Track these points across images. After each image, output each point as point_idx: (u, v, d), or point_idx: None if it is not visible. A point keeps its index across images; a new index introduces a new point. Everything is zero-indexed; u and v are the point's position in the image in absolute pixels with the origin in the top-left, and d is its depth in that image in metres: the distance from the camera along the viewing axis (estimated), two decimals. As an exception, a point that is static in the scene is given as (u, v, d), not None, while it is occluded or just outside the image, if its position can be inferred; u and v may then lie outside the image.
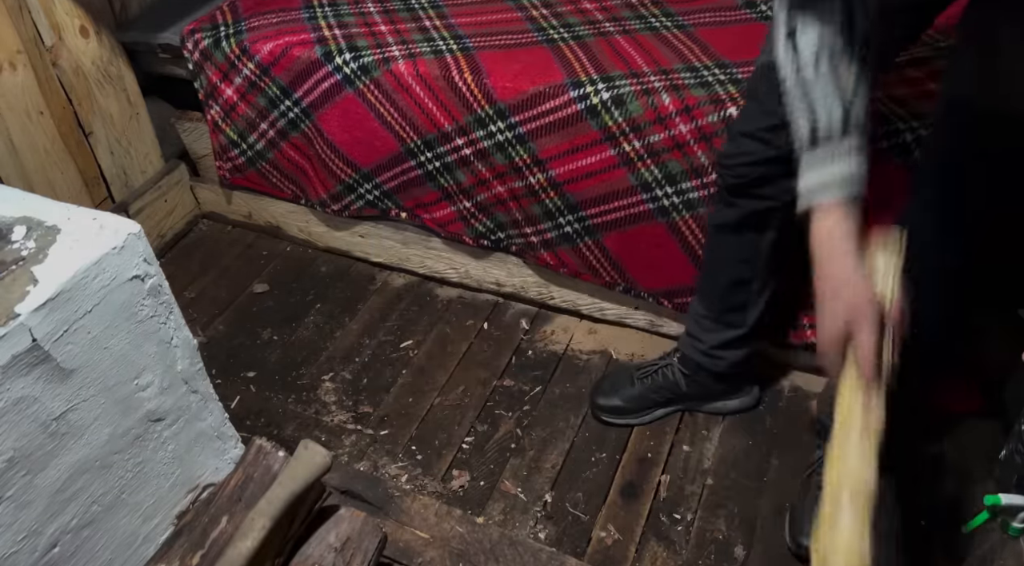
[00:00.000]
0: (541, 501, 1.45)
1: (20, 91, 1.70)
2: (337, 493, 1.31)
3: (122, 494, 0.99)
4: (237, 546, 0.93)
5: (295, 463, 1.02)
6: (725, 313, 1.40)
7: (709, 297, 1.42)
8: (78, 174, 1.88)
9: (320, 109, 1.73)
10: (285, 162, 1.90)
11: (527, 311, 1.82)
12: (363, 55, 1.65)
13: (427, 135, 1.65)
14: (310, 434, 1.57)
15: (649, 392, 1.54)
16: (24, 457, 0.85)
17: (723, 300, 1.40)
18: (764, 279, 1.35)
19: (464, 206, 1.72)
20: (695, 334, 1.46)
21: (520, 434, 1.56)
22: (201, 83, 1.86)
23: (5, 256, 0.88)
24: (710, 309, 1.42)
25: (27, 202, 0.96)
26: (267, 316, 1.88)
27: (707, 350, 1.45)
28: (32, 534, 0.89)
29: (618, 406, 1.55)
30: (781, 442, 1.51)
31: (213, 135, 1.93)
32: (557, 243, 1.65)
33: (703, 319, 1.44)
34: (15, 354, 0.81)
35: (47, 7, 1.72)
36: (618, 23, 1.67)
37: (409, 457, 1.54)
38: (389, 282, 1.94)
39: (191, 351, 1.04)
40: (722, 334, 1.42)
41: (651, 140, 1.46)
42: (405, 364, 1.72)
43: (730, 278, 1.37)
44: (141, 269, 0.93)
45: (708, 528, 1.39)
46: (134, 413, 0.97)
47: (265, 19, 1.81)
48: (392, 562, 1.28)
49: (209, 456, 1.12)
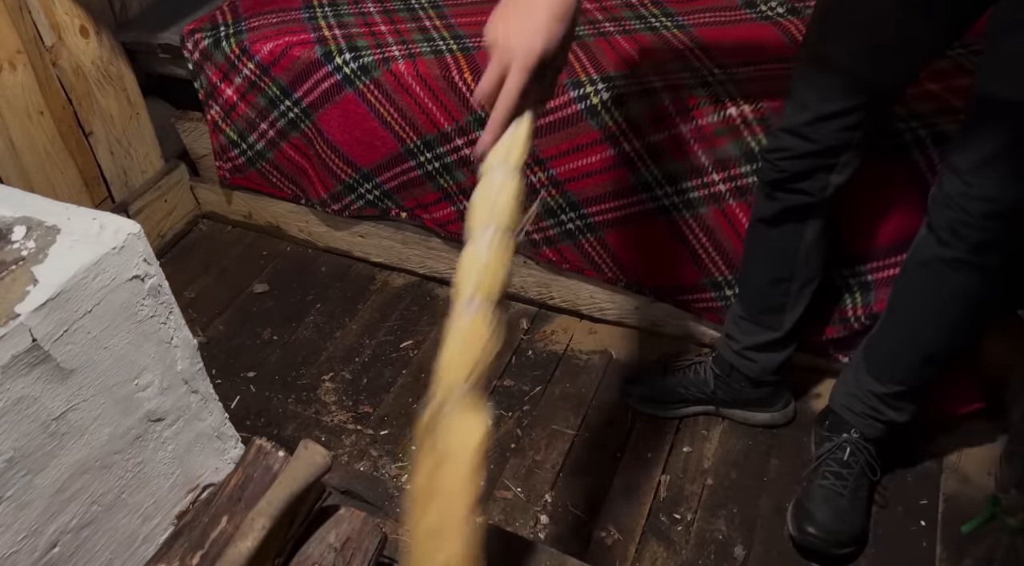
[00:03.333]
0: (541, 501, 1.45)
1: (20, 91, 1.70)
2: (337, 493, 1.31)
3: (122, 494, 0.99)
4: (237, 546, 0.93)
5: (295, 463, 1.02)
6: (762, 314, 1.39)
7: (747, 297, 1.42)
8: (78, 174, 1.88)
9: (320, 109, 1.73)
10: (285, 162, 1.90)
11: (527, 311, 1.82)
12: (363, 55, 1.65)
13: (427, 135, 1.65)
14: (310, 434, 1.57)
15: (678, 386, 1.54)
16: (24, 457, 0.85)
17: (761, 300, 1.39)
18: (803, 280, 1.35)
19: (464, 206, 1.72)
20: (732, 334, 1.45)
21: (520, 434, 1.56)
22: (201, 83, 1.86)
23: (5, 256, 0.88)
24: (747, 309, 1.41)
25: (27, 202, 0.96)
26: (267, 316, 1.88)
27: (741, 350, 1.44)
28: (32, 534, 0.89)
29: (647, 394, 1.57)
30: (781, 442, 1.51)
31: (213, 135, 1.93)
32: (559, 239, 1.65)
33: (740, 320, 1.43)
34: (15, 354, 0.81)
35: (47, 7, 1.72)
36: (618, 23, 1.67)
37: (409, 457, 1.54)
38: (389, 282, 1.94)
39: (191, 351, 1.04)
40: (758, 336, 1.41)
41: (651, 140, 1.46)
42: (405, 364, 1.72)
43: (768, 276, 1.36)
44: (141, 269, 0.93)
45: (708, 528, 1.39)
46: (134, 413, 0.97)
47: (265, 19, 1.81)
48: (392, 562, 1.28)
49: (209, 456, 1.12)
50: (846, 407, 1.35)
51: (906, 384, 1.27)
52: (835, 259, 1.42)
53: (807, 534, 1.30)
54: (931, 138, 1.27)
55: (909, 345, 1.25)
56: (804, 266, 1.33)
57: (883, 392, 1.29)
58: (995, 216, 1.06)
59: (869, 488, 1.35)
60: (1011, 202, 1.04)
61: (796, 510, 1.34)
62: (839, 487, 1.31)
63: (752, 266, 1.39)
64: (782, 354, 1.43)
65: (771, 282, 1.36)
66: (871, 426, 1.32)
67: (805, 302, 1.37)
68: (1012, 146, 1.02)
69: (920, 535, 1.35)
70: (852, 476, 1.32)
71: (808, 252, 1.31)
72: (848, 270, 1.43)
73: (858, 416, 1.33)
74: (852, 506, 1.31)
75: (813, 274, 1.35)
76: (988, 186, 1.05)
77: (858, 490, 1.32)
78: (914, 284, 1.21)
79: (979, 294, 1.15)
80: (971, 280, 1.13)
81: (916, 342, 1.24)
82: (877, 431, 1.32)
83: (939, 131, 1.27)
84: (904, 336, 1.26)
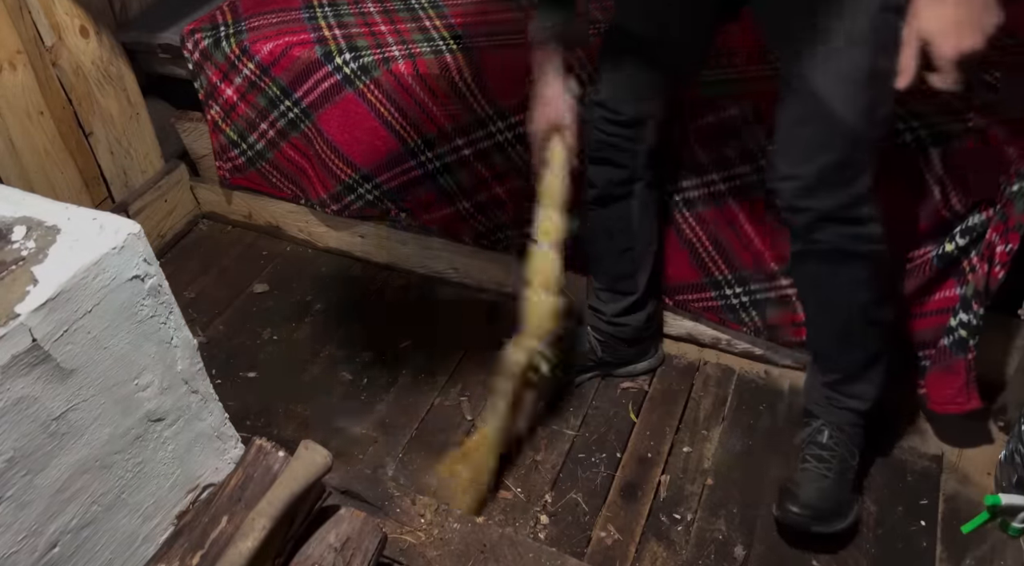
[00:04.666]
0: (541, 501, 1.45)
1: (20, 91, 1.70)
2: (337, 493, 1.31)
3: (122, 494, 0.99)
4: (237, 546, 0.93)
5: (295, 463, 1.02)
6: (617, 282, 1.53)
7: (601, 271, 1.56)
8: (78, 174, 1.88)
9: (320, 109, 1.73)
10: (285, 162, 1.90)
11: (527, 311, 1.82)
12: (363, 55, 1.65)
13: (427, 135, 1.65)
14: (310, 434, 1.57)
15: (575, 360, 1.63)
16: (24, 457, 0.85)
17: (613, 270, 1.53)
18: (644, 244, 1.49)
19: (464, 206, 1.72)
20: (598, 308, 1.58)
21: (520, 434, 1.56)
22: (201, 83, 1.86)
23: (5, 256, 0.88)
24: (604, 282, 1.56)
25: (27, 202, 0.96)
26: (267, 316, 1.88)
27: (610, 319, 1.56)
28: (32, 534, 0.89)
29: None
30: (781, 442, 1.51)
31: (213, 135, 1.93)
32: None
33: (601, 292, 1.56)
34: (15, 354, 0.81)
35: (47, 7, 1.72)
36: None
37: (409, 457, 1.54)
38: (389, 282, 1.94)
39: (191, 351, 1.04)
40: (620, 302, 1.54)
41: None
42: (405, 364, 1.72)
43: (615, 249, 1.50)
44: (141, 269, 0.93)
45: (708, 528, 1.39)
46: (134, 413, 0.97)
47: (265, 19, 1.81)
48: (392, 562, 1.28)
49: (209, 456, 1.12)
50: (811, 399, 1.40)
51: (840, 372, 1.32)
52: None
53: (789, 512, 1.31)
54: (931, 138, 1.27)
55: (821, 335, 1.34)
56: (640, 233, 1.48)
57: (829, 380, 1.34)
58: (803, 193, 1.14)
59: (853, 472, 1.36)
60: (812, 175, 1.12)
61: (781, 493, 1.35)
62: (822, 469, 1.33)
63: (598, 244, 1.52)
64: (646, 310, 1.57)
65: (618, 253, 1.50)
66: (834, 413, 1.35)
67: (651, 261, 1.52)
68: (803, 121, 1.12)
69: (920, 535, 1.35)
70: (835, 459, 1.33)
71: (640, 222, 1.46)
72: (848, 270, 1.43)
73: (821, 407, 1.37)
74: (836, 486, 1.33)
75: (651, 237, 1.50)
76: (790, 164, 1.15)
77: (844, 472, 1.34)
78: (797, 280, 1.34)
79: (846, 272, 1.21)
80: (825, 263, 1.21)
81: (823, 331, 1.33)
82: (841, 418, 1.35)
83: (939, 131, 1.27)
84: (813, 328, 1.35)
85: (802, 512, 1.30)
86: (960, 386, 1.35)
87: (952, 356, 1.34)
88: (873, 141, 1.11)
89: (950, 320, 1.34)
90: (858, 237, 1.17)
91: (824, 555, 1.33)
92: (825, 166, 1.11)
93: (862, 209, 1.15)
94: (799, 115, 1.12)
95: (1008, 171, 1.22)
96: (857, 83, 1.07)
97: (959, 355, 1.33)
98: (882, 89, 1.05)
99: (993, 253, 1.24)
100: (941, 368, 1.37)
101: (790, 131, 1.15)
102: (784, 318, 1.52)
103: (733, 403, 1.59)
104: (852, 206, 1.14)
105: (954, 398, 1.37)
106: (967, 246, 1.29)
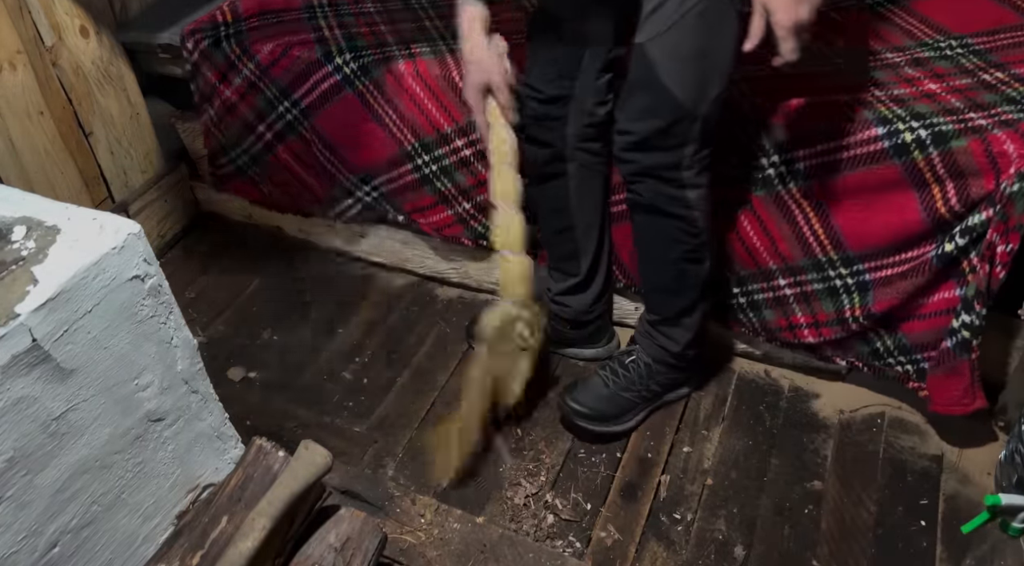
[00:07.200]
0: (541, 501, 1.45)
1: (20, 91, 1.70)
2: (337, 493, 1.31)
3: (122, 494, 0.99)
4: (237, 546, 0.93)
5: (295, 463, 1.02)
6: (561, 262, 1.58)
7: (548, 249, 1.60)
8: (78, 174, 1.88)
9: (319, 110, 1.72)
10: (279, 169, 1.88)
11: (527, 311, 1.82)
12: (363, 55, 1.65)
13: (426, 137, 1.65)
14: (310, 434, 1.57)
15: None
16: (24, 457, 0.85)
17: (556, 250, 1.58)
18: (584, 225, 1.52)
19: (463, 208, 1.71)
20: (548, 286, 1.63)
21: (520, 434, 1.56)
22: (197, 86, 1.85)
23: (5, 256, 0.88)
24: (551, 260, 1.60)
25: (27, 202, 0.96)
26: (267, 316, 1.88)
27: (553, 298, 1.62)
28: (32, 534, 0.89)
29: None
30: (781, 442, 1.51)
31: (206, 140, 1.93)
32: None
33: (550, 270, 1.62)
34: (15, 354, 0.81)
35: (47, 7, 1.72)
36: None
37: (409, 457, 1.54)
38: (389, 282, 1.94)
39: (191, 351, 1.04)
40: (562, 283, 1.59)
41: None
42: (405, 364, 1.72)
43: (554, 228, 1.54)
44: (141, 269, 0.93)
45: (708, 528, 1.39)
46: (134, 413, 0.97)
47: (265, 19, 1.81)
48: (392, 562, 1.28)
49: (209, 456, 1.12)
50: (637, 330, 1.55)
51: (659, 314, 1.47)
52: (833, 259, 1.42)
53: (563, 400, 1.51)
54: (931, 138, 1.27)
55: (645, 280, 1.48)
56: (579, 214, 1.50)
57: (651, 319, 1.49)
58: (631, 147, 1.27)
59: (640, 398, 1.51)
60: (640, 134, 1.25)
61: (566, 386, 1.53)
62: (608, 379, 1.51)
63: (542, 221, 1.57)
64: (588, 295, 1.59)
65: (558, 232, 1.54)
66: (649, 348, 1.50)
67: (594, 246, 1.54)
68: (640, 86, 1.24)
69: (920, 535, 1.35)
70: (623, 379, 1.50)
71: (579, 203, 1.49)
72: (846, 270, 1.43)
73: (642, 337, 1.52)
74: (612, 398, 1.50)
75: (591, 219, 1.52)
76: (626, 120, 1.27)
77: (625, 390, 1.50)
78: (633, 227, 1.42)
79: (661, 228, 1.34)
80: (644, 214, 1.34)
81: (646, 277, 1.47)
82: (654, 354, 1.49)
83: (939, 131, 1.27)
84: (641, 273, 1.48)
85: (572, 405, 1.49)
86: (965, 387, 1.35)
87: (956, 357, 1.34)
88: (703, 117, 1.22)
89: (952, 322, 1.34)
90: (673, 199, 1.29)
91: (824, 555, 1.33)
92: (652, 130, 1.24)
93: (681, 174, 1.27)
94: (637, 80, 1.24)
95: (1008, 171, 1.22)
96: (685, 60, 1.19)
97: (963, 356, 1.33)
98: (712, 68, 1.19)
99: (994, 253, 1.24)
100: (944, 370, 1.37)
101: (630, 93, 1.27)
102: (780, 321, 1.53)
103: (733, 403, 1.59)
104: (671, 168, 1.26)
105: (960, 399, 1.37)
106: (967, 246, 1.29)
